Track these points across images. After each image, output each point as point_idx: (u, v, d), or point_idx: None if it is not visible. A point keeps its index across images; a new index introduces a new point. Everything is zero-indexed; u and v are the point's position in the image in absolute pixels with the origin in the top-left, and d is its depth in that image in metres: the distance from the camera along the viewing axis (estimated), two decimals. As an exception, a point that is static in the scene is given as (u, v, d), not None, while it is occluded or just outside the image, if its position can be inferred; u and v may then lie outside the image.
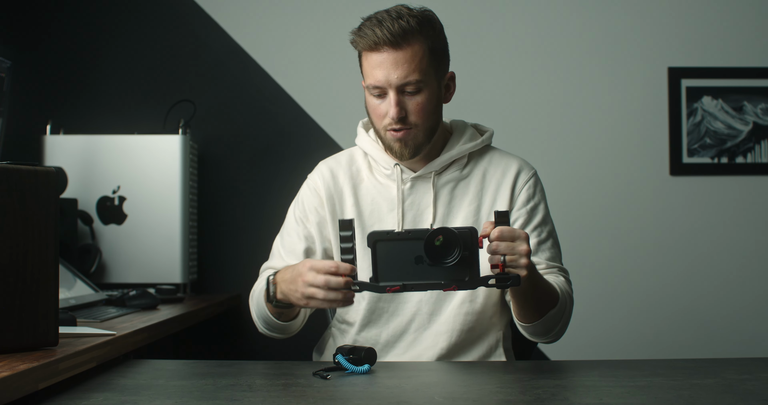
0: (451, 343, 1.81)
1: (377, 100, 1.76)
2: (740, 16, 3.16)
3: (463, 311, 1.81)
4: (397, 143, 1.78)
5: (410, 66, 1.72)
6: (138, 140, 2.84)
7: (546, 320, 1.71)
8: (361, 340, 1.85)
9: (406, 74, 1.72)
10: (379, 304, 1.84)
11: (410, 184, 1.85)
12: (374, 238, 1.51)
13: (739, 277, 3.13)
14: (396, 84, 1.73)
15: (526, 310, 1.71)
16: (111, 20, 3.15)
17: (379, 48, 1.73)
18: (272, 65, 3.15)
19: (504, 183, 1.86)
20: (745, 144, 3.15)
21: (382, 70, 1.73)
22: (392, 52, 1.72)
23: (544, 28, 3.16)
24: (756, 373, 1.55)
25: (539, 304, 1.69)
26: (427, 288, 1.52)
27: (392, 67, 1.72)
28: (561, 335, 1.79)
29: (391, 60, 1.72)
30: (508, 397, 1.36)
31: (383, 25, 1.72)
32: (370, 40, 1.73)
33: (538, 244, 1.84)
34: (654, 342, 3.10)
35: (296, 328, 1.83)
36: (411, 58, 1.73)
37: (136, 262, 2.78)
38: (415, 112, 1.75)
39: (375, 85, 1.75)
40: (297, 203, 1.92)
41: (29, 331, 1.42)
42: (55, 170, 1.49)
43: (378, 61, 1.73)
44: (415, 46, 1.73)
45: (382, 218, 1.84)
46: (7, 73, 2.10)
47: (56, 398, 1.32)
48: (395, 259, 1.51)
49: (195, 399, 1.34)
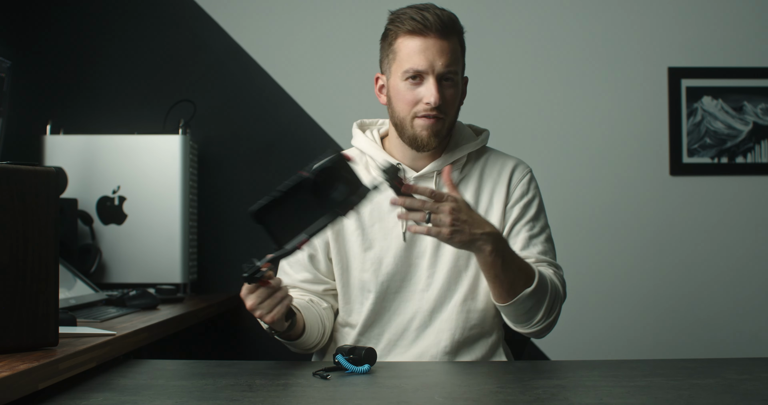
0: (453, 341, 1.81)
1: (411, 86, 1.76)
2: (740, 16, 3.17)
3: (465, 309, 1.81)
4: (425, 131, 1.77)
5: (453, 56, 1.76)
6: (138, 140, 2.84)
7: (522, 301, 1.69)
8: (364, 340, 1.85)
9: (450, 63, 1.75)
10: (383, 304, 1.84)
11: (412, 182, 1.85)
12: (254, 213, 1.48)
13: (739, 277, 3.13)
14: (439, 71, 1.74)
15: (498, 286, 1.69)
16: (111, 20, 3.15)
17: (426, 33, 1.74)
18: (272, 65, 3.15)
19: (500, 181, 1.86)
20: (745, 144, 3.15)
21: (427, 55, 1.74)
22: (438, 40, 1.74)
23: (543, 28, 3.16)
24: (756, 373, 1.55)
25: (512, 281, 1.67)
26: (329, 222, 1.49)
27: (438, 53, 1.74)
28: (548, 328, 1.76)
29: (438, 46, 1.74)
30: (508, 397, 1.36)
31: (431, 12, 1.75)
32: (418, 23, 1.73)
33: (530, 238, 1.83)
34: (654, 342, 3.10)
35: (311, 342, 1.82)
36: (454, 49, 1.76)
37: (136, 262, 2.78)
38: (450, 103, 1.77)
39: (416, 70, 1.74)
40: None
41: (29, 331, 1.42)
42: (55, 170, 1.49)
43: (423, 46, 1.74)
44: (455, 40, 1.78)
45: (383, 217, 1.84)
46: (7, 73, 2.10)
47: (56, 398, 1.32)
48: (284, 219, 1.49)
49: (195, 399, 1.34)
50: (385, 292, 1.83)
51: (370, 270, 1.82)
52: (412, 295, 1.83)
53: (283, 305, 1.58)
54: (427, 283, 1.82)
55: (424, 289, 1.82)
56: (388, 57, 1.80)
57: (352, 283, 1.85)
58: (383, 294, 1.83)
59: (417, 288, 1.83)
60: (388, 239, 1.83)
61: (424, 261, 1.82)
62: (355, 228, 1.84)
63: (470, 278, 1.81)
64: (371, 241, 1.83)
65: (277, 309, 1.58)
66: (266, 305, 1.57)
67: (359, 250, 1.83)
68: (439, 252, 1.82)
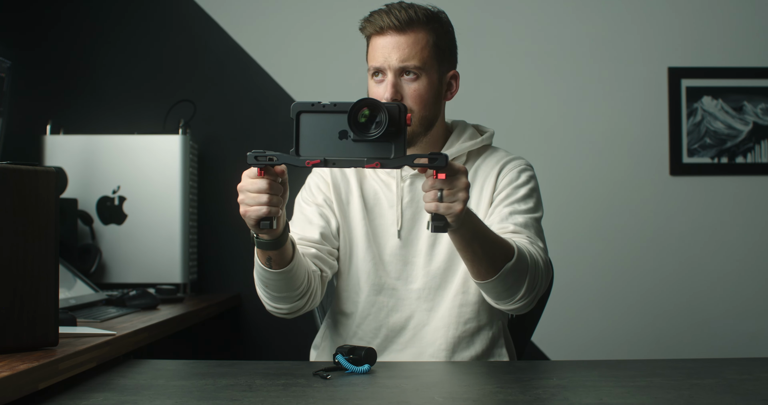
0: (449, 337, 1.82)
1: (377, 84, 1.78)
2: (740, 16, 3.16)
3: (457, 303, 1.82)
4: None
5: (411, 51, 1.76)
6: (138, 140, 2.84)
7: (504, 276, 1.63)
8: (362, 334, 1.85)
9: (405, 58, 1.76)
10: (378, 298, 1.84)
11: (410, 181, 1.86)
12: (298, 109, 1.44)
13: (738, 277, 3.13)
14: (395, 66, 1.76)
15: (477, 264, 1.63)
16: (111, 20, 3.15)
17: (384, 32, 1.77)
18: (272, 65, 3.15)
19: (491, 174, 1.85)
20: (745, 144, 3.15)
21: (384, 52, 1.77)
22: (395, 36, 1.77)
23: (544, 28, 3.16)
24: (756, 373, 1.55)
25: (491, 255, 1.62)
26: (349, 164, 1.44)
27: (393, 49, 1.76)
28: (531, 303, 1.71)
29: (393, 43, 1.77)
30: (508, 397, 1.36)
31: (391, 12, 1.78)
32: (377, 24, 1.78)
33: (511, 213, 1.78)
34: (654, 342, 3.10)
35: (297, 285, 1.70)
36: (413, 43, 1.77)
37: (136, 262, 2.78)
38: (412, 98, 1.77)
39: (375, 67, 1.78)
40: (303, 190, 1.94)
41: (29, 331, 1.42)
42: (55, 170, 1.49)
43: (381, 44, 1.78)
44: (419, 34, 1.78)
45: (383, 214, 1.86)
46: (7, 73, 2.10)
47: (56, 398, 1.32)
48: (319, 132, 1.44)
49: (195, 399, 1.34)
50: (381, 288, 1.84)
51: (370, 262, 1.84)
52: (409, 294, 1.84)
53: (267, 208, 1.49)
54: (423, 281, 1.83)
55: (421, 288, 1.83)
56: (366, 60, 1.84)
57: (352, 271, 1.86)
58: (379, 288, 1.84)
59: (413, 287, 1.84)
60: (386, 236, 1.85)
61: (419, 260, 1.84)
62: (361, 218, 1.85)
63: (462, 273, 1.81)
64: (373, 234, 1.85)
65: (259, 207, 1.49)
66: (253, 196, 1.49)
67: (363, 240, 1.85)
68: (434, 250, 1.83)
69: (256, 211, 1.50)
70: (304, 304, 1.76)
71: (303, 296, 1.74)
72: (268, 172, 1.49)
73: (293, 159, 1.45)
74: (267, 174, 1.49)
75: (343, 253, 1.87)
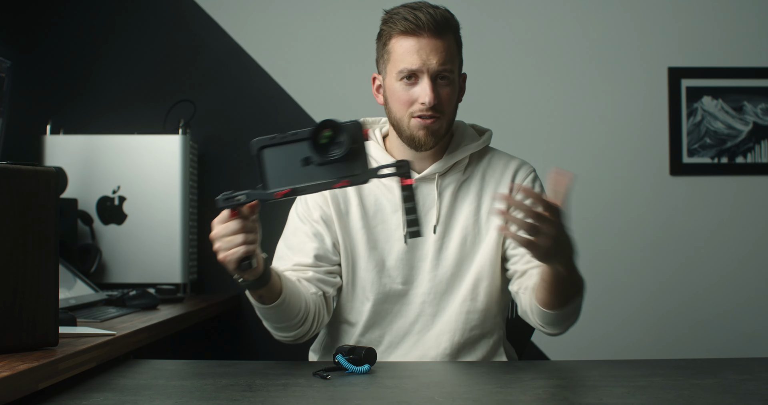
0: (454, 343, 1.81)
1: (406, 86, 1.75)
2: (740, 16, 3.17)
3: (465, 310, 1.81)
4: (422, 131, 1.76)
5: (448, 55, 1.74)
6: (138, 140, 2.84)
7: (570, 308, 1.67)
8: (365, 342, 1.84)
9: (444, 61, 1.74)
10: (384, 306, 1.83)
11: (414, 185, 1.84)
12: (258, 146, 1.45)
13: (738, 277, 3.13)
14: (434, 70, 1.73)
15: (556, 296, 1.64)
16: (111, 20, 3.15)
17: (419, 33, 1.73)
18: (272, 65, 3.15)
19: (503, 182, 1.85)
20: (745, 144, 3.15)
21: (421, 55, 1.73)
22: (432, 39, 1.73)
23: (544, 29, 3.16)
24: (756, 373, 1.55)
25: (568, 289, 1.64)
26: (318, 188, 1.45)
27: (432, 52, 1.73)
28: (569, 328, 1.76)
29: (431, 46, 1.73)
30: (508, 397, 1.36)
31: (423, 11, 1.74)
32: (410, 23, 1.73)
33: None
34: (654, 342, 3.10)
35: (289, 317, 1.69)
36: (448, 47, 1.75)
37: (136, 262, 2.78)
38: (446, 101, 1.76)
39: (410, 70, 1.74)
40: (299, 203, 1.89)
41: (29, 331, 1.42)
42: (55, 170, 1.49)
43: (417, 45, 1.73)
44: (450, 38, 1.76)
45: (385, 219, 1.83)
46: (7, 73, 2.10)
47: (56, 398, 1.32)
48: (283, 164, 1.45)
49: (195, 399, 1.34)
50: (386, 295, 1.82)
51: (373, 271, 1.82)
52: (414, 299, 1.82)
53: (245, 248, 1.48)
54: (429, 286, 1.81)
55: (426, 293, 1.81)
56: (383, 57, 1.79)
57: (356, 282, 1.83)
58: (385, 296, 1.82)
59: (419, 291, 1.82)
60: (390, 242, 1.82)
61: (425, 264, 1.82)
62: (361, 227, 1.82)
63: (471, 280, 1.81)
64: (375, 241, 1.82)
65: (236, 249, 1.48)
66: (228, 240, 1.48)
67: (365, 249, 1.82)
68: (441, 255, 1.81)
69: (234, 253, 1.49)
70: (309, 329, 1.75)
71: (304, 322, 1.73)
72: (240, 213, 1.49)
73: (262, 194, 1.46)
74: (239, 215, 1.49)
75: (345, 265, 1.83)
